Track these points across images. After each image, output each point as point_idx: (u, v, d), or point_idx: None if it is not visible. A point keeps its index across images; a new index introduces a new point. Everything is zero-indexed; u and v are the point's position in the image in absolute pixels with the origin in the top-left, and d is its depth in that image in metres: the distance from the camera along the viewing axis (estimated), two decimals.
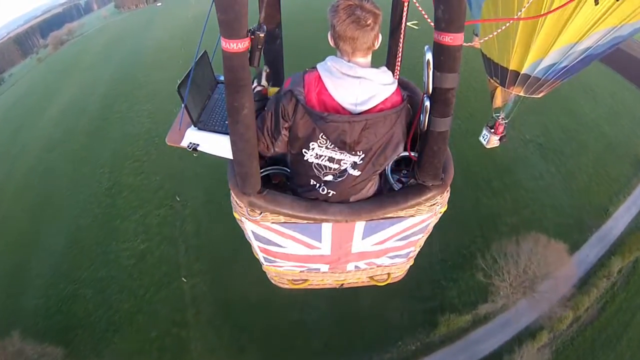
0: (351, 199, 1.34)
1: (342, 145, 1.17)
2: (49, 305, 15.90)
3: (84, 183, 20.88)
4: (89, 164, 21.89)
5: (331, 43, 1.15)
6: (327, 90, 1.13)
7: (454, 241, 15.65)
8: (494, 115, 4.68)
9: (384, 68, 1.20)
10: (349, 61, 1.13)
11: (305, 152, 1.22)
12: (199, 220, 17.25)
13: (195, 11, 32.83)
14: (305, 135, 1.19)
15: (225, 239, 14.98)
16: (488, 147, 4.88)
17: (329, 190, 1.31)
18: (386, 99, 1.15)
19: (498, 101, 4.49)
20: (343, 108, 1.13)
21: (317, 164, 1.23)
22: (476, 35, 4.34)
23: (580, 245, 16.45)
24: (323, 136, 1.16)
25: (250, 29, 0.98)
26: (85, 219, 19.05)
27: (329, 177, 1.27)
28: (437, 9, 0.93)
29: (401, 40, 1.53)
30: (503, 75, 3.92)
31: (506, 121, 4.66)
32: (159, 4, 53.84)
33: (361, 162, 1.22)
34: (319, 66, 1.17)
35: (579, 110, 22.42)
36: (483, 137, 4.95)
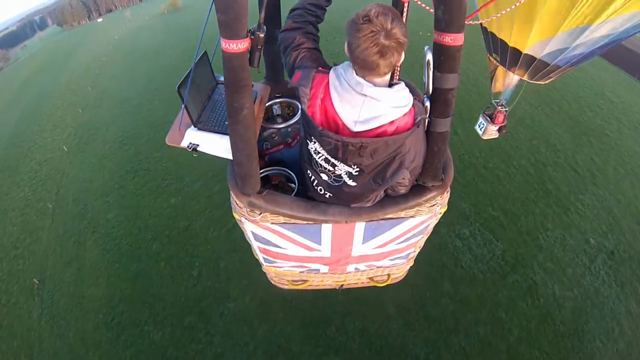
0: (352, 204, 1.32)
1: (335, 157, 1.13)
2: None
3: None
4: None
5: (347, 55, 1.05)
6: (331, 101, 1.06)
7: None
8: (492, 101, 3.93)
9: (402, 85, 1.07)
10: (363, 76, 1.03)
11: (307, 141, 1.19)
12: None
13: (125, 29, 31.12)
14: (308, 129, 1.16)
15: None
16: (485, 137, 4.22)
17: (326, 192, 1.29)
18: (393, 121, 1.04)
19: (498, 84, 3.74)
20: (343, 124, 1.06)
21: (315, 159, 1.20)
22: None
23: None
24: (318, 142, 1.14)
25: (250, 30, 0.98)
26: None
27: (324, 177, 1.24)
28: (437, 9, 0.93)
29: None
30: (503, 52, 3.16)
31: (507, 109, 3.92)
32: (100, 19, 53.43)
33: (357, 174, 1.15)
34: (332, 72, 1.09)
35: None
36: (479, 126, 4.25)
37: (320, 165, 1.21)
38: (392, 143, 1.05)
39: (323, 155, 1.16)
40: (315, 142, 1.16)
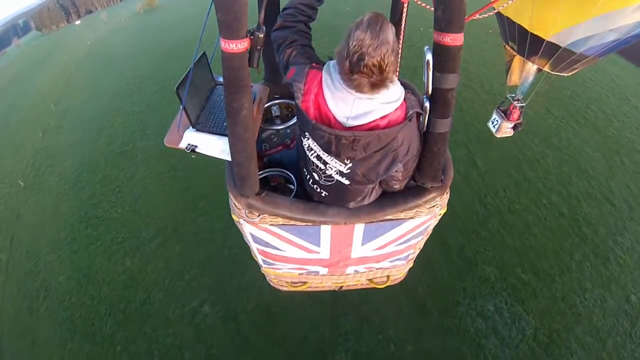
0: (350, 206, 1.32)
1: (328, 151, 1.14)
2: None
3: None
4: None
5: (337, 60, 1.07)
6: (324, 97, 1.08)
7: None
8: (507, 95, 3.59)
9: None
10: None
11: (302, 138, 1.21)
12: None
13: (99, 33, 29.14)
14: (302, 125, 1.18)
15: None
16: (498, 136, 3.89)
17: (322, 190, 1.29)
18: (385, 116, 1.05)
19: (514, 76, 3.36)
20: (336, 119, 1.08)
21: (308, 157, 1.21)
22: None
23: None
24: (312, 137, 1.15)
25: (249, 30, 0.97)
26: None
27: (315, 176, 1.25)
28: (437, 9, 0.93)
29: (401, 41, 1.53)
30: (522, 39, 2.80)
31: (523, 104, 3.54)
32: (78, 22, 52.18)
33: (348, 171, 1.16)
34: (325, 69, 1.11)
35: None
36: (492, 122, 3.88)
37: (313, 163, 1.21)
38: (385, 136, 1.07)
39: (315, 152, 1.17)
40: (308, 139, 1.16)
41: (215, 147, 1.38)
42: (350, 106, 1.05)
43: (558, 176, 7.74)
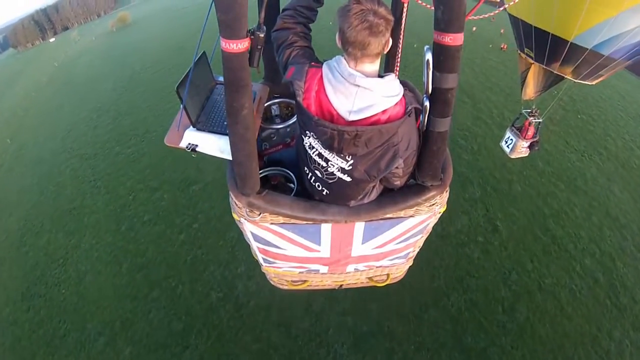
0: (351, 204, 1.33)
1: (330, 148, 1.15)
2: None
3: None
4: None
5: (339, 45, 1.10)
6: (325, 93, 1.10)
7: None
8: (522, 111, 3.33)
9: (392, 77, 1.12)
10: (355, 67, 1.08)
11: (303, 137, 1.23)
12: None
13: (68, 53, 28.09)
14: (303, 124, 1.20)
15: None
16: (513, 156, 3.54)
17: (323, 189, 1.30)
18: (385, 110, 1.08)
19: (529, 90, 3.04)
20: (338, 114, 1.10)
21: (310, 155, 1.23)
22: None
23: None
24: (313, 133, 1.17)
25: (250, 30, 0.98)
26: None
27: (318, 173, 1.26)
28: (437, 9, 0.94)
29: (400, 40, 1.54)
30: (541, 43, 2.54)
31: (540, 120, 3.26)
32: (52, 39, 51.64)
33: (350, 167, 1.18)
34: (325, 66, 1.13)
35: None
36: (506, 142, 3.54)
37: (315, 161, 1.23)
38: (386, 131, 1.09)
39: (317, 150, 1.19)
40: (309, 137, 1.18)
41: (216, 146, 1.39)
42: (352, 99, 1.07)
43: (588, 230, 6.95)
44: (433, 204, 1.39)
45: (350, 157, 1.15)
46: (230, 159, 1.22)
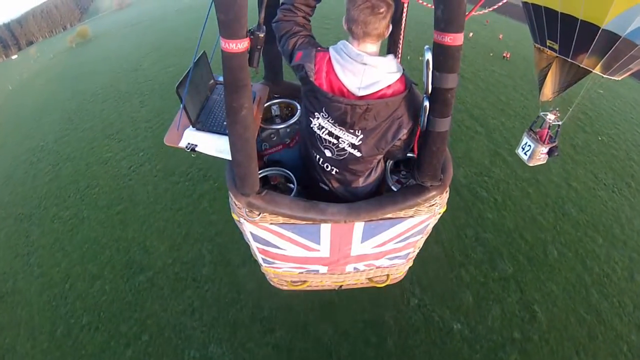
0: (352, 185, 1.41)
1: (342, 123, 1.24)
2: None
3: None
4: None
5: (344, 26, 1.20)
6: (335, 72, 1.20)
7: None
8: (540, 113, 3.03)
9: (391, 57, 1.22)
10: (357, 47, 1.18)
11: (311, 119, 1.30)
12: None
13: (24, 73, 26.37)
14: (311, 106, 1.28)
15: None
16: (531, 164, 3.23)
17: (333, 168, 1.38)
18: (389, 85, 1.18)
19: (548, 89, 2.74)
20: (348, 90, 1.19)
21: (319, 135, 1.31)
22: None
23: None
24: (325, 111, 1.25)
25: (249, 29, 0.98)
26: None
27: (328, 153, 1.35)
28: (437, 9, 0.94)
29: (401, 40, 1.54)
30: (567, 32, 2.22)
31: (560, 123, 2.95)
32: (14, 56, 50.48)
33: (360, 142, 1.27)
34: (331, 49, 1.22)
35: None
36: (523, 148, 3.24)
37: (325, 140, 1.31)
38: (392, 104, 1.20)
39: (327, 129, 1.28)
40: (319, 118, 1.27)
41: (215, 146, 1.39)
42: (360, 77, 1.17)
43: (632, 294, 5.93)
44: (433, 205, 1.39)
45: (360, 131, 1.24)
46: (230, 159, 1.22)
